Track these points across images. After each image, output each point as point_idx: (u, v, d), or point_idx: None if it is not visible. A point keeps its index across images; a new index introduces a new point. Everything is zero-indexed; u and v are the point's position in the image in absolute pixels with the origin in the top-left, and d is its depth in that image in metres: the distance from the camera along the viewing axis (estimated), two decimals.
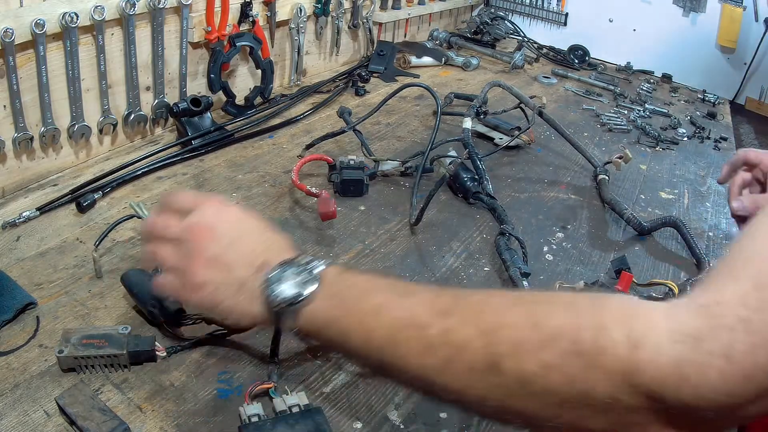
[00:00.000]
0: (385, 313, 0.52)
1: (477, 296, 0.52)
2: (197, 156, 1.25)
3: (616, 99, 1.81)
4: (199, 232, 0.59)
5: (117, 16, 1.12)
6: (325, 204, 0.99)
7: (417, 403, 0.73)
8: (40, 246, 0.95)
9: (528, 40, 2.13)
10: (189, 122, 1.28)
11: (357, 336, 0.53)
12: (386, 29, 1.95)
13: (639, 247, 1.06)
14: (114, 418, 0.64)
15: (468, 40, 2.09)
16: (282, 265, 0.57)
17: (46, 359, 0.74)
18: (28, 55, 1.02)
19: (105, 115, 1.19)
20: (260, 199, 1.12)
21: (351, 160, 1.16)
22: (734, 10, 1.87)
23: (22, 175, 1.10)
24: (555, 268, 0.99)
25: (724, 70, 1.98)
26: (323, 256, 0.98)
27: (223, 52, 1.35)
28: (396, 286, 0.55)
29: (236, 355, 0.78)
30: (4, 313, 0.78)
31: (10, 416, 0.67)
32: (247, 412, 0.66)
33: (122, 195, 1.10)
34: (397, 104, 1.59)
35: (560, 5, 2.20)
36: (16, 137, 1.05)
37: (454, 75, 1.86)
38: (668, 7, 2.00)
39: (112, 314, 0.82)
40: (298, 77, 1.64)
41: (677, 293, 0.90)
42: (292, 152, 1.30)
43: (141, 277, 0.81)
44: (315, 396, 0.73)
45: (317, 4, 1.60)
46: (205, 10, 1.29)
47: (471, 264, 0.99)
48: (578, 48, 2.05)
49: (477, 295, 0.52)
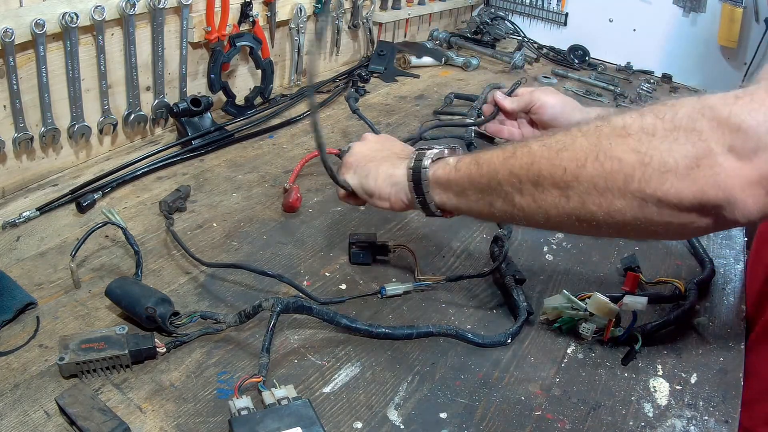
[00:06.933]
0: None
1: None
2: (197, 156, 1.25)
3: (616, 99, 1.80)
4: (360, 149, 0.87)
5: (117, 16, 1.12)
6: (288, 196, 1.08)
7: (417, 403, 0.73)
8: (40, 246, 0.95)
9: (528, 40, 2.13)
10: (189, 122, 1.28)
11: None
12: (386, 29, 1.95)
13: (639, 247, 1.06)
14: (114, 418, 0.64)
15: (468, 40, 2.09)
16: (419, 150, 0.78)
17: (46, 359, 0.74)
18: (28, 55, 1.02)
19: (105, 115, 1.19)
20: (260, 199, 1.12)
21: (350, 147, 1.16)
22: (734, 10, 1.87)
23: (22, 175, 1.10)
24: (555, 268, 0.99)
25: (724, 70, 1.98)
26: (323, 254, 0.98)
27: (223, 52, 1.35)
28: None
29: (236, 355, 0.78)
30: (4, 313, 0.78)
31: (10, 416, 0.67)
32: (236, 406, 0.66)
33: (122, 195, 1.10)
34: (397, 104, 1.59)
35: (560, 5, 2.20)
36: (16, 137, 1.05)
37: (454, 75, 1.86)
38: (668, 7, 2.00)
39: (112, 314, 0.82)
40: (298, 77, 1.64)
41: (683, 292, 0.90)
42: (292, 152, 1.30)
43: (125, 286, 0.81)
44: (315, 396, 0.73)
45: (317, 4, 1.60)
46: (205, 10, 1.29)
47: (471, 264, 0.99)
48: (578, 48, 2.05)
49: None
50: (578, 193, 0.59)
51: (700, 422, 0.73)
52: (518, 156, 0.64)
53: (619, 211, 0.57)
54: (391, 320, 0.86)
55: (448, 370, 0.78)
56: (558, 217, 0.62)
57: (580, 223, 0.60)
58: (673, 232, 0.57)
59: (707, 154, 0.52)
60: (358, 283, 0.93)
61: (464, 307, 0.90)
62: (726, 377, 0.80)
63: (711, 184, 0.52)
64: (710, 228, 0.56)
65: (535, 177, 0.62)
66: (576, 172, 0.58)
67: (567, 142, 0.60)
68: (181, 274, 0.92)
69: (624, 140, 0.56)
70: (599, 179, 0.57)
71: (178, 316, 0.79)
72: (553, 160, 0.60)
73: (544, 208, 0.62)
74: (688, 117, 0.53)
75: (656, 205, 0.55)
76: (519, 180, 0.64)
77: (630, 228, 0.58)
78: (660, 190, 0.54)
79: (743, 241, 1.12)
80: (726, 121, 0.51)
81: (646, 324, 0.85)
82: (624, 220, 0.57)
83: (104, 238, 0.97)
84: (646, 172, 0.54)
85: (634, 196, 0.55)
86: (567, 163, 0.59)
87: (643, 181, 0.54)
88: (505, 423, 0.71)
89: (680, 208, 0.54)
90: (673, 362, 0.82)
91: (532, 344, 0.84)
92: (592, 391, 0.77)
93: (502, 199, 0.66)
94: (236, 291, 0.89)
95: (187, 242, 0.96)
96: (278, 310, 0.76)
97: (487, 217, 0.71)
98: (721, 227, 0.55)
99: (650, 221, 0.56)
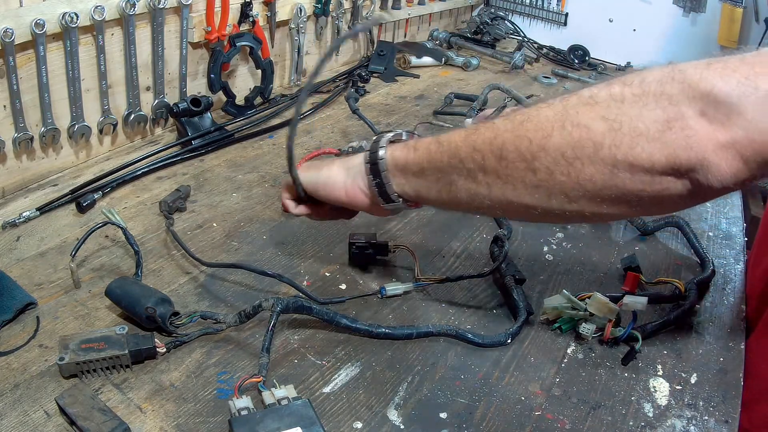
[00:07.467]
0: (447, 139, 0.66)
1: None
2: (197, 156, 1.25)
3: None
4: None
5: (117, 16, 1.12)
6: None
7: (417, 403, 0.73)
8: (40, 246, 0.95)
9: (528, 40, 2.13)
10: (189, 122, 1.28)
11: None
12: (386, 29, 1.95)
13: (639, 247, 1.06)
14: (114, 418, 0.64)
15: (468, 40, 2.09)
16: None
17: (46, 359, 0.74)
18: (28, 55, 1.02)
19: (105, 115, 1.19)
20: (260, 199, 1.12)
21: (350, 147, 1.17)
22: (734, 10, 1.87)
23: (22, 175, 1.10)
24: (555, 268, 0.99)
25: None
26: (323, 254, 0.98)
27: (223, 52, 1.35)
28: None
29: (236, 355, 0.78)
30: (4, 313, 0.78)
31: (10, 416, 0.67)
32: (236, 406, 0.66)
33: (122, 195, 1.10)
34: (397, 104, 1.60)
35: (560, 5, 2.20)
36: (16, 137, 1.05)
37: (454, 75, 1.86)
38: (668, 7, 2.00)
39: (112, 314, 0.82)
40: (298, 77, 1.64)
41: (683, 292, 0.91)
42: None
43: (125, 286, 0.81)
44: (315, 396, 0.73)
45: (317, 4, 1.60)
46: (205, 10, 1.29)
47: (471, 264, 0.99)
48: (578, 48, 2.05)
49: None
50: (545, 164, 0.57)
51: (700, 422, 0.73)
52: (481, 132, 0.62)
53: (589, 180, 0.55)
54: (391, 320, 0.86)
55: (448, 370, 0.78)
56: (525, 193, 0.59)
57: (549, 197, 0.58)
58: (648, 202, 0.55)
59: (678, 117, 0.51)
60: (358, 283, 0.93)
61: (464, 307, 0.90)
62: (726, 377, 0.80)
63: (683, 146, 0.51)
64: (685, 196, 0.54)
65: (498, 150, 0.59)
66: (542, 143, 0.57)
67: (531, 114, 0.59)
68: (181, 274, 0.92)
69: (591, 108, 0.55)
70: (567, 148, 0.55)
71: (178, 316, 0.79)
72: (516, 132, 0.59)
73: (511, 183, 0.60)
74: (657, 82, 0.52)
75: (628, 171, 0.53)
76: (482, 155, 0.61)
77: (602, 199, 0.56)
78: (631, 154, 0.52)
79: (743, 241, 1.12)
80: (697, 86, 0.50)
81: (646, 324, 0.85)
82: (594, 190, 0.55)
83: (104, 238, 0.97)
84: (616, 137, 0.53)
85: (605, 162, 0.54)
86: (532, 134, 0.57)
87: (614, 147, 0.53)
88: (505, 423, 0.71)
89: (652, 172, 0.53)
90: (673, 362, 0.82)
91: (532, 344, 0.84)
92: (592, 391, 0.77)
93: (464, 178, 0.63)
94: (236, 291, 0.89)
95: (187, 242, 0.96)
96: (278, 310, 0.76)
97: (450, 201, 0.67)
98: (697, 196, 0.54)
99: (622, 189, 0.54)
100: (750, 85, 0.49)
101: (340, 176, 0.74)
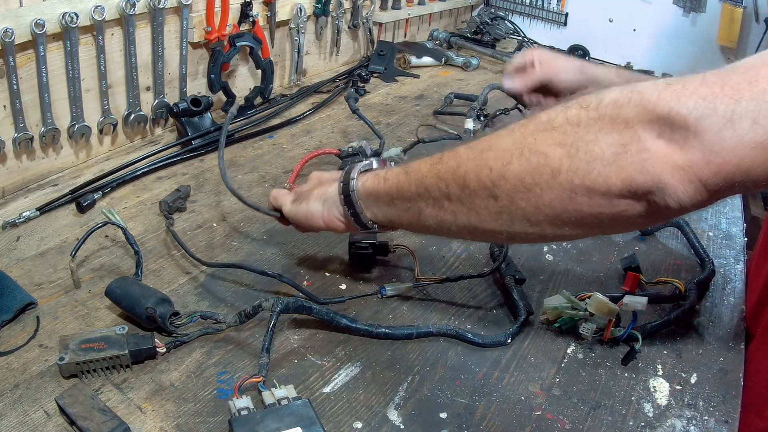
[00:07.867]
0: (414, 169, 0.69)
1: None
2: (197, 156, 1.25)
3: None
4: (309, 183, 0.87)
5: (117, 16, 1.12)
6: None
7: (417, 403, 0.73)
8: (40, 246, 0.95)
9: (528, 40, 2.13)
10: (189, 122, 1.28)
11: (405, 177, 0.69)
12: (386, 29, 1.95)
13: (639, 247, 1.06)
14: (114, 418, 0.64)
15: (468, 40, 2.09)
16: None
17: (46, 359, 0.74)
18: (28, 55, 1.02)
19: (105, 115, 1.19)
20: (260, 199, 1.12)
21: (350, 147, 1.17)
22: (734, 10, 1.87)
23: (22, 175, 1.10)
24: (555, 268, 0.99)
25: None
26: (323, 254, 0.98)
27: (223, 52, 1.35)
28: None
29: (236, 355, 0.78)
30: (4, 313, 0.78)
31: (10, 416, 0.67)
32: (236, 406, 0.66)
33: (122, 195, 1.10)
34: (397, 104, 1.60)
35: (560, 5, 2.20)
36: (16, 137, 1.05)
37: (454, 75, 1.86)
38: (668, 7, 2.00)
39: (112, 314, 0.82)
40: (298, 77, 1.64)
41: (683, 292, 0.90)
42: (292, 152, 1.30)
43: (125, 286, 0.81)
44: (315, 396, 0.73)
45: (317, 4, 1.60)
46: (205, 10, 1.29)
47: (471, 264, 0.99)
48: (578, 48, 2.05)
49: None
50: (506, 191, 0.58)
51: (700, 422, 0.73)
52: (445, 161, 0.64)
53: (548, 205, 0.56)
54: (391, 320, 0.86)
55: (448, 370, 0.78)
56: (489, 219, 0.61)
57: (512, 223, 0.59)
58: (608, 223, 0.56)
59: (635, 141, 0.51)
60: (358, 283, 0.93)
61: (464, 307, 0.90)
62: (726, 377, 0.80)
63: (639, 169, 0.51)
64: (644, 217, 0.54)
65: (461, 179, 0.61)
66: (502, 171, 0.58)
67: (492, 142, 0.60)
68: (181, 274, 0.92)
69: (549, 134, 0.55)
70: (525, 175, 0.56)
71: (178, 316, 0.79)
72: (478, 161, 0.60)
73: (474, 210, 0.61)
74: (614, 104, 0.52)
75: (586, 195, 0.53)
76: (446, 184, 0.63)
77: (562, 222, 0.57)
78: (588, 179, 0.53)
79: (743, 241, 1.12)
80: (654, 108, 0.50)
81: (646, 324, 0.85)
82: (554, 214, 0.56)
83: (104, 238, 0.97)
84: (572, 163, 0.53)
85: (563, 187, 0.54)
86: (492, 163, 0.59)
87: (571, 172, 0.53)
88: (505, 423, 0.71)
89: (609, 196, 0.53)
90: (673, 362, 0.82)
91: (532, 344, 0.84)
92: (592, 391, 0.77)
93: (431, 206, 0.66)
94: (236, 291, 0.89)
95: (187, 242, 0.96)
96: (278, 310, 0.76)
97: (420, 227, 0.70)
98: (657, 216, 0.54)
99: (581, 212, 0.55)
100: (708, 107, 0.48)
101: (317, 208, 0.79)
